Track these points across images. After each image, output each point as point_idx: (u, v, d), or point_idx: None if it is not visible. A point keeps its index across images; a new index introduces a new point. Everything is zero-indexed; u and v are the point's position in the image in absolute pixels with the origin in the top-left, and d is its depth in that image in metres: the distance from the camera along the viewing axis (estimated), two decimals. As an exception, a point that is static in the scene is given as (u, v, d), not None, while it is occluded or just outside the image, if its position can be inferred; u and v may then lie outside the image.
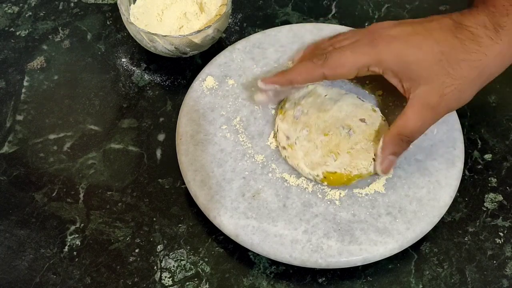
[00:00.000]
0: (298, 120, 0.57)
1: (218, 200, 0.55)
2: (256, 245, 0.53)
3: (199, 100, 0.60)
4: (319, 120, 0.57)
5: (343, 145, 0.56)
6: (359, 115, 0.58)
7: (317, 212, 0.54)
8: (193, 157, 0.57)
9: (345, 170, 0.55)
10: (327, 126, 0.57)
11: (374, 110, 0.59)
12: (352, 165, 0.55)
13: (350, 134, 0.56)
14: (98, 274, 0.54)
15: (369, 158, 0.55)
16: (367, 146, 0.56)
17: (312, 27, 0.65)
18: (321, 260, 0.52)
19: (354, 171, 0.55)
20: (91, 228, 0.56)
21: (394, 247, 0.53)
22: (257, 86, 0.58)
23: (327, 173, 0.55)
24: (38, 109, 0.63)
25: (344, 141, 0.56)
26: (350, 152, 0.56)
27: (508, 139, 0.62)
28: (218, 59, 0.63)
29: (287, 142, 0.57)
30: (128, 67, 0.66)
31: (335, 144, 0.56)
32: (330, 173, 0.55)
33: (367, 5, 0.71)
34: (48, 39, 0.68)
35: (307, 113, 0.58)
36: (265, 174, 0.56)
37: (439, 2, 0.72)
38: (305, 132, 0.57)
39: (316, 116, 0.57)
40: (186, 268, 0.55)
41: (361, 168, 0.55)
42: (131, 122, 0.63)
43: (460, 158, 0.57)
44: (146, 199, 0.58)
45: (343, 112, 0.58)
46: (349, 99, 0.59)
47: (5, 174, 0.59)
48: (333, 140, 0.56)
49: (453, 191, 0.56)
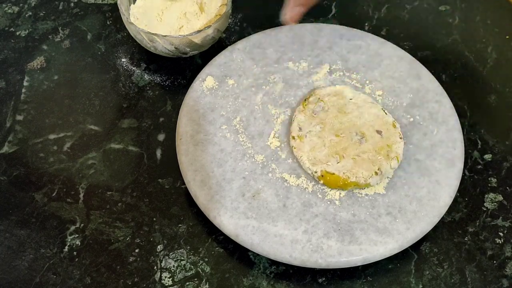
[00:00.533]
0: (316, 116, 0.58)
1: (218, 200, 0.55)
2: (256, 245, 0.53)
3: (199, 100, 0.60)
4: (335, 120, 0.58)
5: (350, 150, 0.56)
6: (377, 126, 0.58)
7: (317, 212, 0.54)
8: (193, 157, 0.57)
9: (344, 174, 0.55)
10: (341, 128, 0.57)
11: (395, 125, 0.58)
12: (353, 171, 0.55)
13: (361, 142, 0.56)
14: (98, 274, 0.54)
15: (371, 170, 0.55)
16: (374, 158, 0.56)
17: (312, 27, 0.65)
18: (321, 260, 0.52)
19: (352, 178, 0.55)
20: (91, 228, 0.56)
21: (394, 247, 0.53)
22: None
23: (325, 172, 0.55)
24: (38, 109, 0.63)
25: (353, 146, 0.56)
26: (355, 158, 0.56)
27: (508, 139, 0.62)
28: (218, 59, 0.63)
29: (299, 133, 0.58)
30: (128, 67, 0.66)
31: (343, 147, 0.56)
32: (329, 173, 0.55)
33: (367, 5, 0.71)
34: (48, 39, 0.68)
35: (327, 110, 0.58)
36: (265, 174, 0.56)
37: (439, 2, 0.72)
38: (318, 128, 0.57)
39: (334, 116, 0.58)
40: (186, 268, 0.55)
41: (360, 177, 0.55)
42: (131, 122, 0.63)
43: (460, 158, 0.57)
44: (146, 199, 0.58)
45: (362, 119, 0.58)
46: (373, 108, 0.59)
47: (5, 174, 0.59)
48: (343, 143, 0.56)
49: (453, 191, 0.56)
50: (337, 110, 0.58)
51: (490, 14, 0.71)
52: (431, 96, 0.61)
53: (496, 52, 0.68)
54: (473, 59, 0.67)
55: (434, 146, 0.58)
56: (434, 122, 0.59)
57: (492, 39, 0.69)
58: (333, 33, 0.64)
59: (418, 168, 0.57)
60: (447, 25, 0.70)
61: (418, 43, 0.68)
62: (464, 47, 0.68)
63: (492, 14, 0.71)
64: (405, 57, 0.63)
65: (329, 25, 0.66)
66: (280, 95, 0.61)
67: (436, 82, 0.62)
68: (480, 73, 0.67)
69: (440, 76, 0.65)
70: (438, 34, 0.69)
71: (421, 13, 0.71)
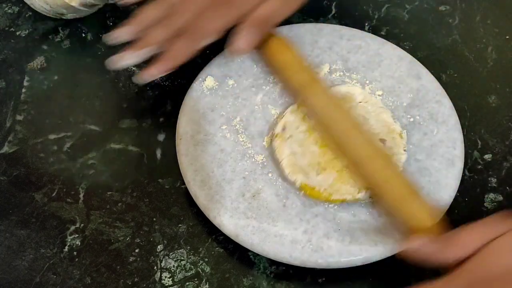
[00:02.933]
0: (308, 119, 0.54)
1: (218, 200, 0.55)
2: (256, 245, 0.53)
3: (199, 100, 0.60)
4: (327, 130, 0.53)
5: (337, 161, 0.52)
6: (382, 135, 0.55)
7: (317, 212, 0.54)
8: (193, 157, 0.57)
9: (325, 191, 0.52)
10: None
11: (401, 136, 0.56)
12: (335, 187, 0.52)
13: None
14: (98, 274, 0.54)
15: (358, 186, 0.51)
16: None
17: (312, 27, 0.65)
18: (321, 260, 0.52)
19: (335, 195, 0.51)
20: (91, 228, 0.56)
21: (395, 247, 0.53)
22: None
23: (305, 185, 0.52)
24: (38, 109, 0.63)
25: (341, 158, 0.52)
26: (340, 172, 0.52)
27: (508, 139, 0.62)
28: (218, 59, 0.63)
29: (282, 132, 0.54)
30: (128, 67, 0.66)
31: (328, 159, 0.52)
32: (309, 186, 0.52)
33: (367, 5, 0.71)
34: (48, 39, 0.68)
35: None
36: (265, 174, 0.56)
37: (439, 2, 0.72)
38: (301, 136, 0.54)
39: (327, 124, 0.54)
40: (186, 268, 0.55)
41: (344, 194, 0.52)
42: (131, 122, 0.63)
43: (460, 158, 0.57)
44: (146, 199, 0.58)
45: (366, 126, 0.54)
46: (383, 114, 0.56)
47: (5, 174, 0.59)
48: (328, 154, 0.53)
49: (453, 191, 0.56)
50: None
51: (490, 14, 0.71)
52: (431, 96, 0.61)
53: (496, 52, 0.68)
54: (473, 59, 0.67)
55: (434, 146, 0.58)
56: (434, 122, 0.59)
57: (492, 39, 0.69)
58: (333, 33, 0.64)
59: (418, 168, 0.57)
60: (447, 25, 0.70)
61: (418, 43, 0.68)
62: (464, 47, 0.68)
63: (492, 14, 0.71)
64: (405, 57, 0.63)
65: (329, 25, 0.66)
66: (280, 95, 0.61)
67: (436, 82, 0.62)
68: (480, 73, 0.67)
69: (440, 76, 0.65)
70: (438, 34, 0.69)
71: (421, 13, 0.71)
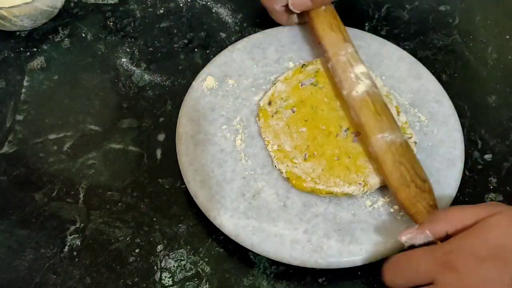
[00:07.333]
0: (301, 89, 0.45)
1: (218, 200, 0.55)
2: (256, 245, 0.53)
3: (199, 100, 0.60)
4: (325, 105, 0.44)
5: (329, 147, 0.45)
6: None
7: (317, 212, 0.54)
8: (193, 157, 0.57)
9: (311, 181, 0.45)
10: (329, 118, 0.46)
11: (405, 130, 0.53)
12: (323, 178, 0.45)
13: (354, 141, 0.46)
14: (98, 274, 0.54)
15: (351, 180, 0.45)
16: (360, 165, 0.45)
17: (312, 27, 0.65)
18: (321, 260, 0.52)
19: (321, 186, 0.44)
20: (91, 228, 0.56)
21: (395, 247, 0.53)
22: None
23: (290, 173, 0.47)
24: (38, 109, 0.63)
25: (334, 144, 0.45)
26: (331, 161, 0.45)
27: (508, 139, 0.62)
28: (218, 59, 0.63)
29: (267, 108, 0.47)
30: (128, 67, 0.66)
31: (319, 143, 0.44)
32: (294, 175, 0.47)
33: (367, 5, 0.71)
34: (48, 39, 0.68)
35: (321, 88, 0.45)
36: (265, 174, 0.56)
37: (439, 2, 0.72)
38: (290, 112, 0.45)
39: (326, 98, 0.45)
40: (186, 268, 0.55)
41: (332, 186, 0.47)
42: (131, 122, 0.63)
43: (460, 158, 0.57)
44: (146, 199, 0.58)
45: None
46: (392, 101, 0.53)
47: (5, 174, 0.59)
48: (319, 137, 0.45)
49: (453, 191, 0.56)
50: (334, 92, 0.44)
51: (490, 14, 0.71)
52: (431, 96, 0.61)
53: (496, 52, 0.68)
54: (473, 59, 0.67)
55: (434, 146, 0.58)
56: (434, 122, 0.59)
57: (492, 39, 0.69)
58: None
59: (418, 168, 0.57)
60: (447, 25, 0.70)
61: (418, 43, 0.68)
62: (464, 47, 0.68)
63: (492, 14, 0.71)
64: (405, 57, 0.63)
65: (329, 25, 0.66)
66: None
67: (436, 82, 0.62)
68: (480, 73, 0.67)
69: (440, 76, 0.65)
70: (438, 34, 0.69)
71: (421, 13, 0.71)
